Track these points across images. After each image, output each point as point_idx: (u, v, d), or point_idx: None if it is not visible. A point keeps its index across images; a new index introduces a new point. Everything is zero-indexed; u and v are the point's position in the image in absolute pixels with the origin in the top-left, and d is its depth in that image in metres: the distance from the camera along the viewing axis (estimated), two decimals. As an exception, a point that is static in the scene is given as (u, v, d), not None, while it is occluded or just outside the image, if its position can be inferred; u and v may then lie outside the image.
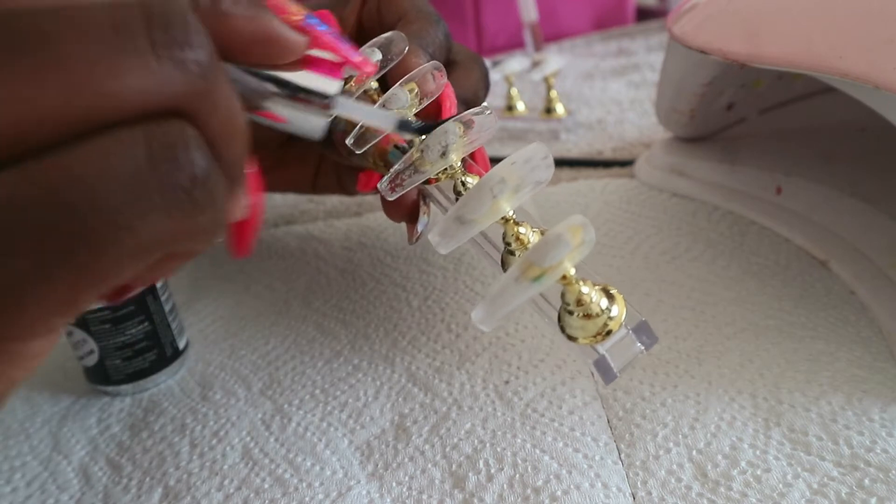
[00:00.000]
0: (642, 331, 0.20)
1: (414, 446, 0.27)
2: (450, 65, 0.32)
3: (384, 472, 0.26)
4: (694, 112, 0.41)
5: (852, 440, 0.25)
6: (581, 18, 0.91)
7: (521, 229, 0.22)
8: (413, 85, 0.25)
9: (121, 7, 0.14)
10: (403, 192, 0.23)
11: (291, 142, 0.38)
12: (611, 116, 0.58)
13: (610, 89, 0.65)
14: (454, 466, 0.26)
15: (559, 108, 0.56)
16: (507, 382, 0.29)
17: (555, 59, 0.57)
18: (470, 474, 0.25)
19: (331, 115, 0.20)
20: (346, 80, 0.26)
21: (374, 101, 0.26)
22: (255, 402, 0.31)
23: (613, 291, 0.20)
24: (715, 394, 0.27)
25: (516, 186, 0.20)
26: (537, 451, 0.26)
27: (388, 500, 0.25)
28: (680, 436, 0.26)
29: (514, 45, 0.90)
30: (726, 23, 0.33)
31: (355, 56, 0.20)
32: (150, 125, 0.14)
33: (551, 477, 0.25)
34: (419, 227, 0.29)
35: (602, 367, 0.20)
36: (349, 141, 0.25)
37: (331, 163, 0.37)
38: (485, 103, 0.25)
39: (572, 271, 0.19)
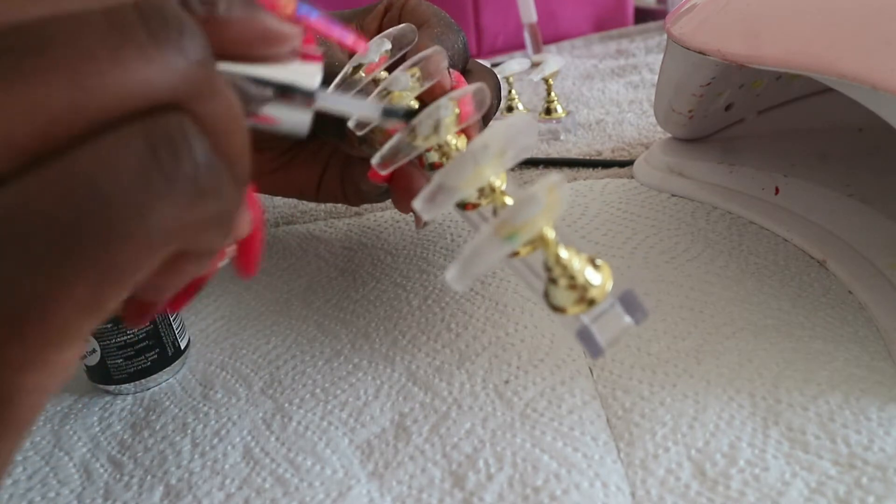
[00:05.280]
0: (629, 302, 0.19)
1: (414, 445, 0.27)
2: (465, 74, 0.34)
3: (384, 472, 0.26)
4: (693, 113, 0.41)
5: (850, 439, 0.25)
6: (580, 20, 0.91)
7: (508, 200, 0.22)
8: (416, 70, 0.25)
9: (114, 7, 0.14)
10: (396, 167, 0.23)
11: (299, 146, 0.38)
12: (610, 117, 0.58)
13: (609, 90, 0.65)
14: (454, 466, 0.26)
15: (558, 109, 0.57)
16: (506, 382, 0.30)
17: (554, 60, 0.57)
18: (470, 473, 0.26)
19: (314, 109, 0.20)
20: (356, 69, 0.27)
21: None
22: (256, 401, 0.31)
23: (600, 262, 0.20)
24: (713, 393, 0.27)
25: (500, 152, 0.20)
26: (537, 451, 0.26)
27: (389, 499, 0.25)
28: (679, 435, 0.26)
29: (514, 46, 0.90)
30: (725, 24, 0.33)
31: (348, 38, 0.20)
32: (149, 119, 0.14)
33: (551, 476, 0.25)
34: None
35: (586, 338, 0.19)
36: (351, 124, 0.25)
37: (336, 169, 0.38)
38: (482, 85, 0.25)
39: (552, 235, 0.19)
